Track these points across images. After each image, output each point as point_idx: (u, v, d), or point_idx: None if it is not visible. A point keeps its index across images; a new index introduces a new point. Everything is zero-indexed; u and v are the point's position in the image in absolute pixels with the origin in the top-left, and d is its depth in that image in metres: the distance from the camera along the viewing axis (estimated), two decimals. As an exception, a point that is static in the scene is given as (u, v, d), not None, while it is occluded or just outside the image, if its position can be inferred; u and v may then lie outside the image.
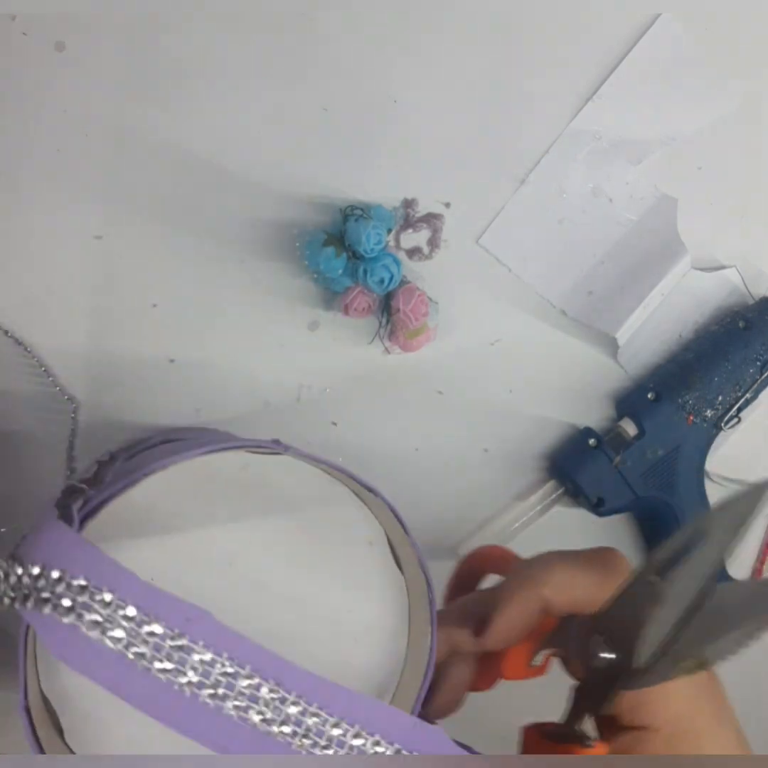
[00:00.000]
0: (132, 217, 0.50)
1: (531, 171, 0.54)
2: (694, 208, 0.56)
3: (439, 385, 0.56)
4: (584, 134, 0.54)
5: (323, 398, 0.55)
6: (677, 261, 0.55)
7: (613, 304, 0.55)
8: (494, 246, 0.54)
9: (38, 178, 0.49)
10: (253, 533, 0.35)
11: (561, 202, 0.55)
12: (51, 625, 0.25)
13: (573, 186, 0.55)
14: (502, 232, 0.54)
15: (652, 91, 0.54)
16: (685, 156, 0.56)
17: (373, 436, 0.56)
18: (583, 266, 0.56)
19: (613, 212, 0.55)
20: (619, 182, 0.55)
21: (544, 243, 0.55)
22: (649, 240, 0.55)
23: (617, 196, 0.55)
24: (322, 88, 0.51)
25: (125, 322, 0.52)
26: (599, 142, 0.54)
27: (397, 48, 0.51)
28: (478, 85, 0.53)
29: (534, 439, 0.57)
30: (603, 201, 0.55)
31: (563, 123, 0.54)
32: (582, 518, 0.58)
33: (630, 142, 0.55)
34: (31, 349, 0.51)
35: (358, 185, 0.52)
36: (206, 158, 0.51)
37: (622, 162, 0.55)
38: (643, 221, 0.56)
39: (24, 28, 0.48)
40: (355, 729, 0.27)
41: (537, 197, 0.54)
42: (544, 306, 0.56)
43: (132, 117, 0.49)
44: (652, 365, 0.58)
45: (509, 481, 0.57)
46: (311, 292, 0.53)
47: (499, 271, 0.55)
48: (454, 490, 0.57)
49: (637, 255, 0.56)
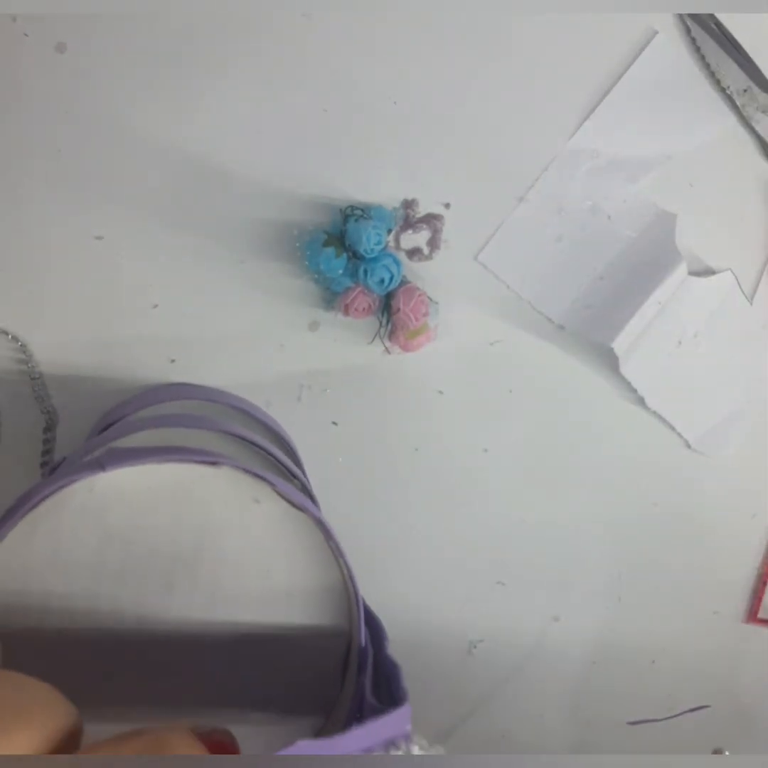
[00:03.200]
0: (132, 217, 0.50)
1: (530, 189, 0.54)
2: (687, 222, 0.56)
3: (439, 385, 0.56)
4: (582, 152, 0.54)
5: (323, 398, 0.55)
6: (673, 270, 0.54)
7: (610, 315, 0.55)
8: (493, 263, 0.54)
9: (38, 178, 0.49)
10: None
11: (559, 219, 0.55)
12: None
13: (571, 204, 0.55)
14: (501, 249, 0.54)
15: (648, 109, 0.54)
16: (679, 173, 0.56)
17: (373, 436, 0.56)
18: (582, 282, 0.56)
19: (611, 229, 0.55)
20: (618, 200, 0.55)
21: (543, 260, 0.55)
22: (648, 254, 0.55)
23: (616, 213, 0.55)
24: (323, 89, 0.51)
25: (126, 322, 0.52)
26: (597, 160, 0.54)
27: (398, 53, 0.51)
28: (477, 96, 0.53)
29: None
30: (602, 218, 0.55)
31: (562, 141, 0.54)
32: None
33: (627, 160, 0.55)
34: (28, 349, 0.51)
35: (358, 185, 0.52)
36: (206, 158, 0.51)
37: (620, 180, 0.55)
38: (642, 237, 0.56)
39: (25, 29, 0.48)
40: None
41: (535, 215, 0.54)
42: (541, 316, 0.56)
43: (132, 117, 0.49)
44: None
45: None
46: (311, 292, 0.53)
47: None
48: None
49: (637, 272, 0.55)
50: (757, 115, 0.55)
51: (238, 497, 0.35)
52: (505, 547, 0.59)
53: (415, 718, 0.29)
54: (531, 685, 0.62)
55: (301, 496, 0.35)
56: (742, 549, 0.63)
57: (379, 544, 0.57)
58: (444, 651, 0.59)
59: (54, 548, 0.33)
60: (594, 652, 0.62)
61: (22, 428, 0.52)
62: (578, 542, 0.60)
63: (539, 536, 0.59)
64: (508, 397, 0.57)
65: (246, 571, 0.35)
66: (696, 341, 0.58)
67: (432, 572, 0.58)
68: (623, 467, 0.60)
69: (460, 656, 0.60)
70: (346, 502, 0.56)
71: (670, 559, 0.62)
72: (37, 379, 0.51)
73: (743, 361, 0.60)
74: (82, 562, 0.33)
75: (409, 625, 0.58)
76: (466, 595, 0.59)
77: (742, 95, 0.55)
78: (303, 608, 0.35)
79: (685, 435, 0.60)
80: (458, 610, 0.59)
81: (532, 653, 0.60)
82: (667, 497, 0.61)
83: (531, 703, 0.62)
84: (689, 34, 0.54)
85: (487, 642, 0.60)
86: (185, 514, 0.34)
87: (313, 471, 0.53)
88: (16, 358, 0.51)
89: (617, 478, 0.60)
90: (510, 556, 0.59)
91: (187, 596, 0.34)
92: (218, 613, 0.35)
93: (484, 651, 0.60)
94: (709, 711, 0.66)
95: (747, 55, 0.54)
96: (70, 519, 0.33)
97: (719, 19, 0.54)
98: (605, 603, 0.61)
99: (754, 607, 0.63)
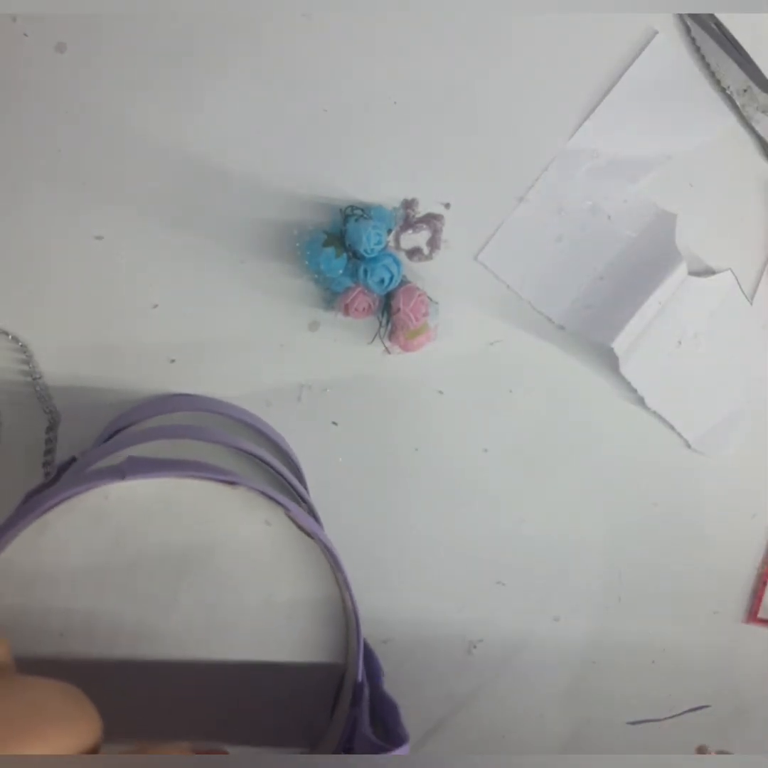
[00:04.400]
0: (132, 217, 0.50)
1: (530, 189, 0.54)
2: (687, 222, 0.56)
3: (439, 385, 0.56)
4: (583, 152, 0.54)
5: (324, 398, 0.55)
6: (673, 270, 0.54)
7: (610, 315, 0.55)
8: (492, 263, 0.54)
9: (38, 178, 0.49)
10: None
11: (559, 219, 0.55)
12: None
13: (571, 204, 0.55)
14: (501, 249, 0.54)
15: (648, 109, 0.54)
16: (679, 172, 0.56)
17: (373, 436, 0.56)
18: (582, 282, 0.56)
19: (611, 229, 0.55)
20: (618, 200, 0.55)
21: (543, 260, 0.55)
22: (648, 254, 0.55)
23: (616, 213, 0.55)
24: (323, 89, 0.51)
25: (126, 322, 0.52)
26: (597, 160, 0.54)
27: (398, 53, 0.51)
28: (477, 96, 0.53)
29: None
30: (601, 218, 0.55)
31: (562, 141, 0.54)
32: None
33: (627, 160, 0.55)
34: (28, 350, 0.51)
35: (358, 185, 0.52)
36: (206, 158, 0.51)
37: (620, 180, 0.55)
38: (642, 237, 0.56)
39: (25, 29, 0.48)
40: None
41: (535, 215, 0.54)
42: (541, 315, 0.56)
43: (132, 117, 0.49)
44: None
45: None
46: (311, 292, 0.53)
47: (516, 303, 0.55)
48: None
49: (637, 272, 0.55)
50: (757, 115, 0.55)
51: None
52: (505, 547, 0.59)
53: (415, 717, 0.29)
54: (531, 685, 0.62)
55: (312, 522, 0.35)
56: (742, 549, 0.63)
57: (379, 544, 0.57)
58: (444, 651, 0.59)
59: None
60: (594, 652, 0.62)
61: (22, 428, 0.52)
62: (578, 542, 0.60)
63: (539, 536, 0.59)
64: (508, 397, 0.57)
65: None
66: (696, 341, 0.58)
67: (432, 572, 0.58)
68: (623, 467, 0.60)
69: (460, 656, 0.60)
70: (346, 502, 0.56)
71: (670, 558, 0.62)
72: (39, 378, 0.51)
73: (743, 361, 0.60)
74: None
75: (409, 625, 0.58)
76: (466, 595, 0.59)
77: (742, 95, 0.55)
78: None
79: (684, 435, 0.60)
80: (458, 610, 0.59)
81: (532, 653, 0.60)
82: (667, 497, 0.61)
83: (531, 703, 0.62)
84: (689, 34, 0.54)
85: (487, 642, 0.60)
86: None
87: (313, 471, 0.53)
88: (16, 359, 0.51)
89: (617, 478, 0.60)
90: (510, 556, 0.59)
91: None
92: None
93: (484, 651, 0.60)
94: (709, 711, 0.66)
95: (747, 55, 0.54)
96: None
97: (719, 19, 0.54)
98: (605, 603, 0.61)
99: (754, 607, 0.63)
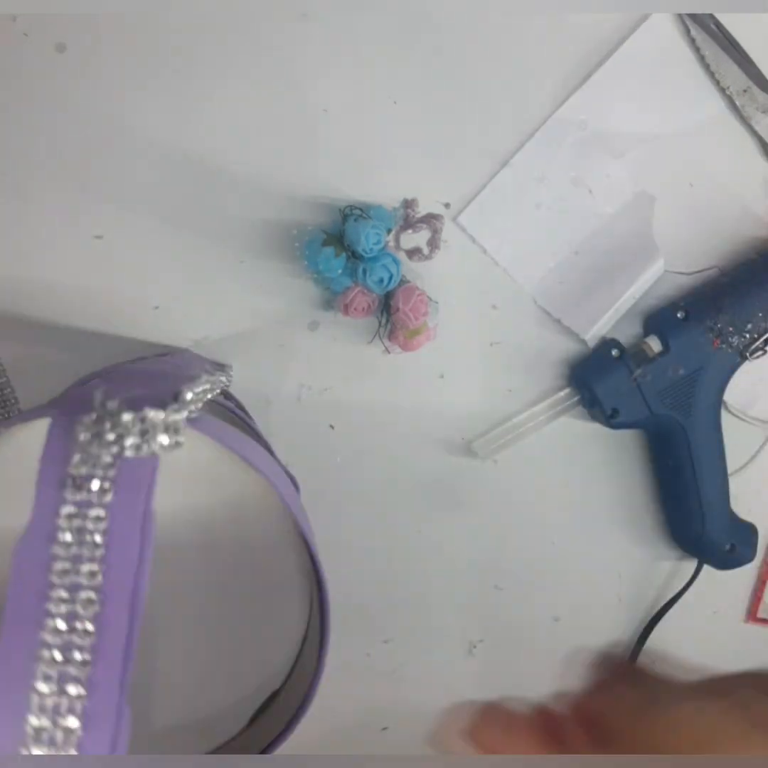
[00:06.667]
0: (132, 217, 0.50)
1: (515, 153, 0.54)
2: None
3: (439, 385, 0.56)
4: (570, 122, 0.54)
5: (323, 398, 0.55)
6: (650, 264, 0.55)
7: (585, 303, 0.55)
8: (471, 225, 0.54)
9: (38, 178, 0.49)
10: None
11: (540, 187, 0.54)
12: None
13: (554, 173, 0.54)
14: (481, 211, 0.54)
15: (639, 86, 0.54)
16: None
17: (373, 437, 0.56)
18: (557, 254, 0.56)
19: (591, 203, 0.55)
20: (600, 174, 0.55)
21: (520, 226, 0.55)
22: (623, 236, 0.55)
23: (597, 187, 0.55)
24: (323, 89, 0.51)
25: (126, 323, 0.52)
26: (584, 132, 0.54)
27: (398, 52, 0.51)
28: (478, 95, 0.53)
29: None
30: (582, 191, 0.55)
31: (550, 109, 0.54)
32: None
33: (614, 135, 0.55)
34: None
35: (358, 185, 0.52)
36: (206, 158, 0.51)
37: (605, 154, 0.55)
38: (619, 215, 0.56)
39: (25, 28, 0.48)
40: None
41: (517, 180, 0.54)
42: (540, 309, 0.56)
43: (132, 117, 0.50)
44: (687, 287, 0.57)
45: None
46: (311, 292, 0.53)
47: (496, 271, 0.55)
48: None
49: (611, 251, 0.55)
50: (757, 115, 0.55)
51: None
52: (505, 547, 0.59)
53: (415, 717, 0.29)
54: (531, 686, 0.62)
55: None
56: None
57: (379, 544, 0.57)
58: (444, 651, 0.59)
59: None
60: (594, 652, 0.62)
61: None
62: (578, 542, 0.60)
63: (539, 536, 0.59)
64: (508, 397, 0.57)
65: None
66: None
67: (432, 572, 0.58)
68: (623, 467, 0.60)
69: (460, 656, 0.60)
70: (344, 502, 0.56)
71: (670, 558, 0.62)
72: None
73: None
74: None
75: (408, 625, 0.58)
76: (466, 595, 0.59)
77: (742, 95, 0.55)
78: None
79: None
80: (458, 611, 0.59)
81: (532, 653, 0.60)
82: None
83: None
84: (689, 34, 0.54)
85: (487, 642, 0.60)
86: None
87: (312, 471, 0.53)
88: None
89: (617, 477, 0.60)
90: (510, 556, 0.59)
91: None
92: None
93: (484, 651, 0.60)
94: (709, 711, 0.65)
95: (747, 55, 0.54)
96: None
97: (719, 19, 0.54)
98: (605, 603, 0.61)
99: (754, 607, 0.63)
